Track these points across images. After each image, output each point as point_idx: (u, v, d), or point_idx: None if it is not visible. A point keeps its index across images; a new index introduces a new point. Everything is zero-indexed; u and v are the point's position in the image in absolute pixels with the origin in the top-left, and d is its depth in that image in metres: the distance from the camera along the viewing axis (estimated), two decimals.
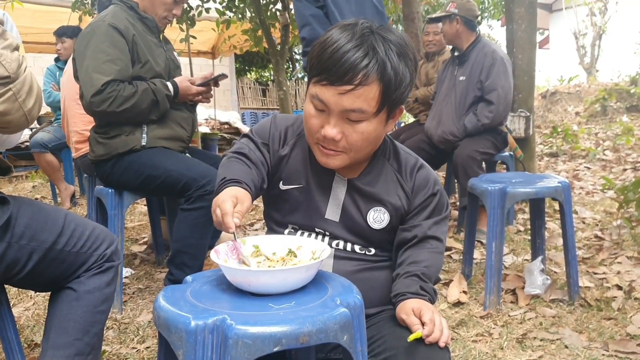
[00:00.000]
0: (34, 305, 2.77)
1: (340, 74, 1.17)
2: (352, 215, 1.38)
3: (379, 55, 1.19)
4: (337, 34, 1.22)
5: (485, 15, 16.58)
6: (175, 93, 2.64)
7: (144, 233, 4.26)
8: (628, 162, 6.54)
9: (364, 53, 1.18)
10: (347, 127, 1.24)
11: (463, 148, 3.79)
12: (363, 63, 1.17)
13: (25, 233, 1.38)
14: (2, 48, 1.34)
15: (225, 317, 0.94)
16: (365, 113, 1.22)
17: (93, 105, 2.44)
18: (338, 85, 1.18)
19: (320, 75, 1.21)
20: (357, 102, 1.20)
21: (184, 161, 2.56)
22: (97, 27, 2.50)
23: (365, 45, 1.19)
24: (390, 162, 1.42)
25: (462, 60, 3.99)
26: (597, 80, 13.10)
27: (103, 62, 2.44)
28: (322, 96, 1.22)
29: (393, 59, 1.20)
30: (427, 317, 1.19)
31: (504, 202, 2.55)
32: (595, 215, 4.27)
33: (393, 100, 1.24)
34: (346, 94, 1.19)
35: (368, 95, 1.20)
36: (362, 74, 1.17)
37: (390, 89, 1.21)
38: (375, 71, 1.18)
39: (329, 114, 1.24)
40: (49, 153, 5.15)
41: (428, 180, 1.41)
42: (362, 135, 1.25)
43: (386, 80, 1.20)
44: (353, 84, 1.17)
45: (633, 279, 2.82)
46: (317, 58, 1.23)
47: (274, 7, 7.75)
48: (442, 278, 2.99)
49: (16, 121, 1.39)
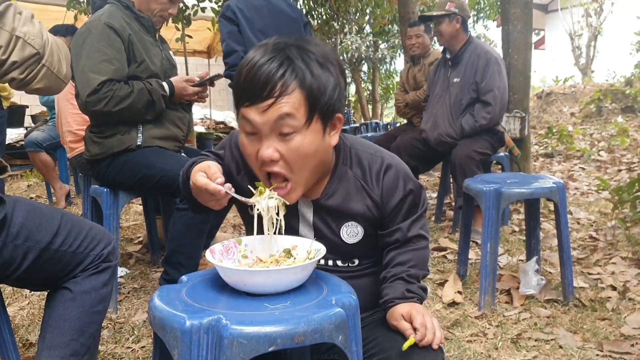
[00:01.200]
0: (29, 305, 2.76)
1: (259, 90, 1.13)
2: (325, 234, 1.34)
3: (294, 63, 1.15)
4: (252, 54, 1.19)
5: (481, 16, 16.60)
6: (171, 93, 2.64)
7: (140, 232, 4.26)
8: (623, 163, 6.57)
9: (278, 63, 1.14)
10: (281, 145, 1.17)
11: (461, 148, 3.79)
12: (279, 73, 1.13)
13: (21, 232, 1.38)
14: (23, 25, 1.39)
15: (221, 316, 0.95)
16: (294, 120, 1.15)
17: (89, 104, 2.44)
18: (259, 102, 1.14)
19: (242, 98, 1.17)
20: (283, 110, 1.14)
21: (180, 161, 2.56)
22: (93, 26, 2.50)
23: (279, 56, 1.15)
24: (354, 170, 1.35)
25: (455, 62, 3.99)
26: (592, 81, 13.15)
27: (99, 61, 2.44)
28: (248, 118, 1.16)
29: (311, 65, 1.16)
30: (418, 321, 1.19)
31: (499, 202, 2.56)
32: (590, 216, 4.28)
33: (322, 108, 1.18)
34: (269, 109, 1.14)
35: (292, 104, 1.14)
36: (280, 84, 1.13)
37: (315, 96, 1.16)
38: (294, 79, 1.14)
39: (260, 136, 1.18)
40: (44, 152, 5.13)
41: (397, 181, 1.34)
42: (299, 150, 1.18)
43: (307, 87, 1.15)
44: (273, 97, 1.13)
45: (627, 279, 2.84)
46: (236, 82, 1.19)
47: None
48: (437, 278, 3.00)
49: (56, 88, 1.52)
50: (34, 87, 1.45)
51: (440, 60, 4.25)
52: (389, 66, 17.29)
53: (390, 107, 24.34)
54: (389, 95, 21.99)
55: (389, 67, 17.52)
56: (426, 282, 2.95)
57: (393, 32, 14.01)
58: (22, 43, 1.38)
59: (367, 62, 15.47)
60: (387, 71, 18.69)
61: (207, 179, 1.16)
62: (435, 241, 3.77)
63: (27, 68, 1.41)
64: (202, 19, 8.16)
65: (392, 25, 13.48)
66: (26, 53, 1.39)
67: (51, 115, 5.46)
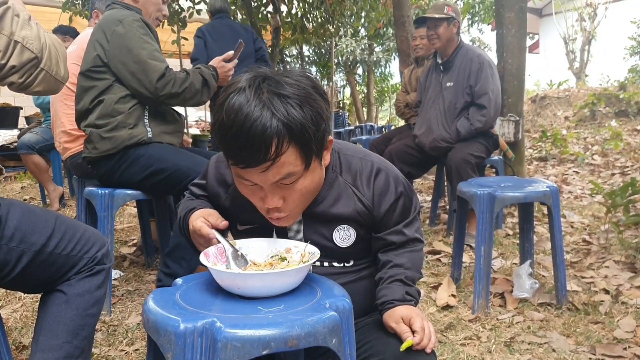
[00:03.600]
0: (22, 307, 2.76)
1: (254, 157, 1.09)
2: (317, 241, 1.32)
3: (280, 120, 1.08)
4: (232, 110, 1.10)
5: (476, 20, 16.66)
6: (215, 72, 2.74)
7: (134, 235, 4.25)
8: (616, 167, 6.59)
9: (264, 124, 1.07)
10: (285, 191, 1.19)
11: (457, 152, 3.80)
12: (268, 135, 1.07)
13: (15, 235, 1.38)
14: (21, 28, 1.38)
15: (215, 320, 0.95)
16: (294, 173, 1.15)
17: (159, 90, 2.51)
18: (256, 166, 1.11)
19: (235, 161, 1.14)
20: (283, 171, 1.13)
21: (192, 157, 2.60)
22: (131, 20, 2.56)
23: (263, 115, 1.08)
24: (344, 176, 1.35)
25: (447, 66, 4.00)
26: (586, 85, 13.21)
27: (152, 51, 2.54)
28: (248, 177, 1.16)
29: (294, 114, 1.10)
30: (418, 325, 1.20)
31: (493, 206, 2.57)
32: (583, 220, 4.30)
33: (316, 147, 1.16)
34: (269, 170, 1.12)
35: (290, 160, 1.12)
36: (274, 148, 1.08)
37: (307, 142, 1.13)
38: (286, 139, 1.09)
39: (262, 188, 1.18)
40: (36, 154, 5.12)
41: (388, 185, 1.34)
42: (302, 191, 1.20)
43: (298, 139, 1.11)
44: (270, 160, 1.09)
45: (620, 283, 2.85)
46: (223, 141, 1.13)
47: (265, 9, 7.76)
48: (431, 281, 3.00)
49: (56, 89, 1.53)
50: (33, 90, 1.46)
51: (431, 65, 4.26)
52: (384, 69, 17.33)
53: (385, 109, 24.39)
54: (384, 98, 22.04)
55: (383, 70, 17.57)
56: (420, 285, 2.96)
57: (388, 35, 14.05)
58: (20, 47, 1.37)
59: (362, 65, 15.51)
60: (381, 74, 18.75)
61: (202, 224, 1.29)
62: (430, 244, 3.78)
63: (25, 72, 1.41)
64: (197, 21, 8.17)
65: (387, 28, 13.53)
66: (25, 57, 1.38)
67: (45, 117, 5.45)
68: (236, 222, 1.41)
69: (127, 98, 2.57)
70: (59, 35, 5.18)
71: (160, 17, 2.84)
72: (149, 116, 2.64)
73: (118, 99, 2.56)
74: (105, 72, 2.58)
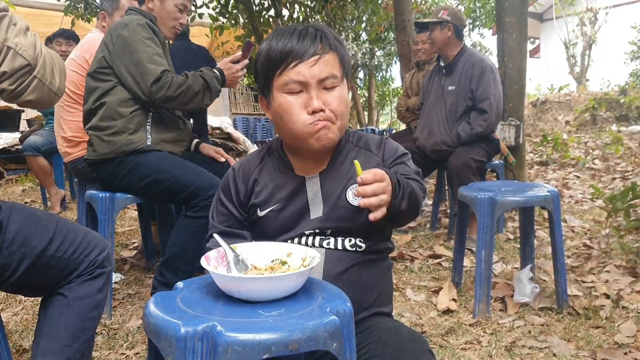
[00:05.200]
0: (22, 310, 2.76)
1: (306, 49, 1.32)
2: (332, 200, 1.40)
3: (323, 32, 1.36)
4: (280, 32, 1.37)
5: (477, 24, 16.67)
6: (222, 74, 2.72)
7: (134, 238, 4.25)
8: (617, 171, 6.59)
9: (313, 32, 1.35)
10: (326, 96, 1.34)
11: (457, 156, 3.80)
12: (318, 37, 1.34)
13: (16, 238, 1.38)
14: (16, 36, 1.36)
15: (215, 324, 0.95)
16: (336, 77, 1.35)
17: (153, 93, 2.49)
18: (307, 59, 1.32)
19: (287, 61, 1.32)
20: (328, 68, 1.33)
21: (192, 169, 2.59)
22: (135, 24, 2.58)
23: (311, 29, 1.36)
24: (358, 145, 1.50)
25: (450, 70, 4.01)
26: (587, 89, 13.21)
27: (152, 54, 2.54)
28: (298, 75, 1.32)
29: (333, 34, 1.39)
30: (378, 176, 1.18)
31: (494, 210, 2.57)
32: (584, 224, 4.29)
33: (347, 69, 1.41)
34: (317, 64, 1.32)
35: (333, 61, 1.35)
36: (321, 45, 1.33)
37: (343, 57, 1.38)
38: (328, 43, 1.35)
39: (307, 91, 1.33)
40: (42, 156, 5.13)
41: (397, 147, 1.50)
42: (340, 100, 1.36)
43: (337, 49, 1.37)
44: (319, 54, 1.32)
45: (621, 287, 2.84)
46: (273, 54, 1.34)
47: (266, 13, 7.78)
48: (432, 285, 3.00)
49: (49, 101, 1.50)
50: (25, 99, 1.43)
51: (434, 68, 4.27)
52: (385, 73, 17.35)
53: (386, 113, 24.40)
54: (385, 102, 22.05)
55: (384, 74, 17.59)
56: (421, 290, 2.96)
57: (389, 39, 14.07)
58: (13, 54, 1.36)
59: (363, 69, 15.53)
60: (383, 78, 18.76)
61: None
62: (431, 248, 3.78)
63: (17, 79, 1.39)
64: (199, 25, 8.21)
65: (388, 32, 13.54)
66: (17, 64, 1.37)
67: (47, 121, 5.45)
68: (257, 207, 1.45)
69: (129, 102, 2.58)
70: (62, 40, 5.21)
71: (177, 25, 2.83)
72: (152, 123, 2.64)
73: (120, 102, 2.57)
74: (109, 74, 2.60)
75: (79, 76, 3.26)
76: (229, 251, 1.22)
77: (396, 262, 3.46)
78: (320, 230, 1.40)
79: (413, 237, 4.11)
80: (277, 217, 1.42)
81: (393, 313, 1.53)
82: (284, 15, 8.07)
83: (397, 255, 3.58)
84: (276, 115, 1.39)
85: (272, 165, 1.48)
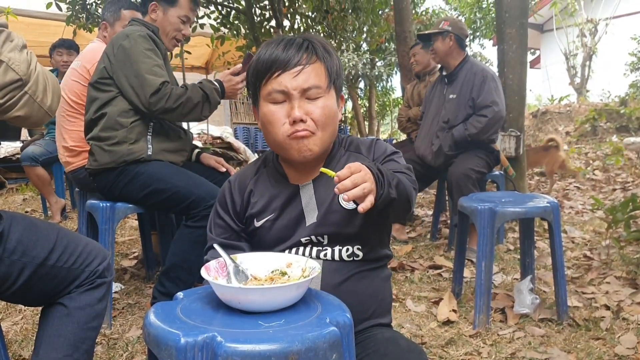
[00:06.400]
0: (22, 320, 2.75)
1: (289, 59, 1.33)
2: (326, 205, 1.40)
3: (310, 42, 1.38)
4: (270, 41, 1.40)
5: (477, 35, 16.73)
6: (221, 86, 2.72)
7: (135, 248, 4.25)
8: (617, 182, 6.60)
9: (300, 41, 1.37)
10: (309, 106, 1.35)
11: (457, 166, 3.81)
12: (303, 47, 1.36)
13: (17, 248, 1.38)
14: (10, 51, 1.36)
15: (215, 334, 0.95)
16: (320, 88, 1.35)
17: (152, 105, 2.50)
18: (290, 69, 1.33)
19: (271, 71, 1.35)
20: (311, 79, 1.34)
21: (192, 178, 2.59)
22: (137, 35, 2.59)
23: (298, 39, 1.38)
24: (349, 149, 1.51)
25: (452, 79, 4.03)
26: (587, 100, 13.22)
27: (153, 66, 2.54)
28: (280, 85, 1.34)
29: (322, 47, 1.40)
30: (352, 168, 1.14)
31: (494, 221, 2.57)
32: (584, 235, 4.29)
33: (336, 79, 1.41)
34: (300, 74, 1.33)
35: (318, 71, 1.36)
36: (306, 55, 1.35)
37: (331, 67, 1.39)
38: (314, 53, 1.36)
39: (290, 101, 1.34)
40: (40, 167, 5.13)
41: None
42: (324, 110, 1.35)
43: (324, 59, 1.38)
44: (302, 64, 1.34)
45: (621, 299, 2.84)
46: (260, 64, 1.37)
47: (268, 24, 7.81)
48: (432, 296, 3.00)
49: (39, 119, 1.47)
50: (13, 115, 1.41)
51: (437, 79, 4.29)
52: (386, 83, 17.37)
53: (386, 123, 24.42)
54: (385, 112, 22.07)
55: (385, 84, 17.61)
56: (421, 301, 2.95)
57: (390, 50, 14.10)
58: (4, 67, 1.35)
59: (363, 80, 15.54)
60: (383, 88, 18.78)
61: None
62: (431, 259, 3.78)
63: (7, 93, 1.37)
64: (200, 35, 8.23)
65: (388, 43, 13.57)
66: (7, 78, 1.36)
67: (48, 130, 5.46)
68: (254, 218, 1.45)
69: (130, 112, 2.59)
70: (63, 50, 5.23)
71: (180, 36, 2.85)
72: (153, 133, 2.65)
73: (120, 112, 2.58)
74: (110, 85, 2.61)
75: (80, 86, 3.27)
76: (229, 261, 1.23)
77: (396, 273, 3.46)
78: (316, 237, 1.40)
79: (413, 248, 4.11)
80: (273, 227, 1.43)
81: (393, 324, 1.53)
82: (285, 25, 8.09)
83: (398, 265, 3.58)
84: (261, 124, 1.41)
85: (267, 175, 1.49)
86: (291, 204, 1.43)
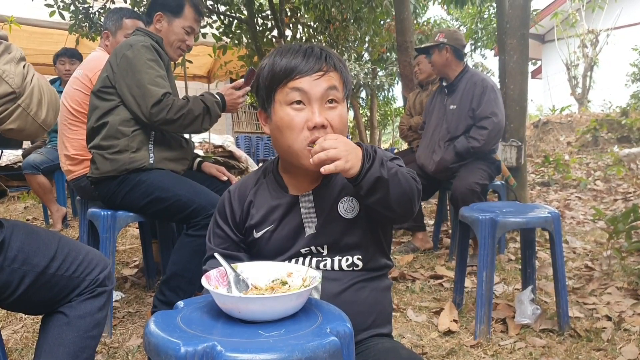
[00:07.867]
0: (22, 328, 2.75)
1: (311, 64, 1.33)
2: (325, 215, 1.40)
3: (327, 52, 1.38)
4: (284, 48, 1.39)
5: (479, 45, 16.77)
6: (223, 102, 2.73)
7: (135, 256, 4.25)
8: (619, 193, 6.59)
9: (318, 50, 1.37)
10: (328, 113, 1.34)
11: (462, 180, 3.79)
12: (323, 55, 1.36)
13: (18, 256, 1.39)
14: (5, 63, 1.35)
15: (215, 343, 0.95)
16: (338, 92, 1.36)
17: (153, 115, 2.51)
18: (312, 73, 1.32)
19: (291, 74, 1.33)
20: (331, 83, 1.34)
21: (194, 187, 2.60)
22: (140, 46, 2.60)
23: (314, 47, 1.38)
24: None
25: (452, 90, 4.04)
26: (588, 110, 13.23)
27: (155, 76, 2.55)
28: (300, 86, 1.32)
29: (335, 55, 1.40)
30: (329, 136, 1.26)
31: (495, 231, 2.57)
32: (585, 245, 4.29)
33: (348, 91, 1.42)
34: (320, 79, 1.33)
35: (335, 79, 1.36)
36: (326, 62, 1.35)
37: (346, 77, 1.40)
38: (332, 63, 1.36)
39: (310, 105, 1.33)
40: (41, 175, 5.13)
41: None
42: (341, 118, 1.36)
43: (340, 69, 1.38)
44: (323, 70, 1.33)
45: (622, 309, 2.83)
46: (277, 68, 1.35)
47: (269, 33, 7.84)
48: (433, 306, 2.99)
49: (33, 133, 1.45)
50: (6, 127, 1.39)
51: (437, 89, 4.30)
52: (387, 93, 17.39)
53: (387, 133, 24.46)
54: (387, 122, 22.11)
55: (386, 94, 17.63)
56: (422, 311, 2.95)
57: (391, 59, 14.14)
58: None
59: (365, 89, 15.57)
60: (385, 98, 18.83)
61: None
62: (432, 269, 3.77)
63: (0, 106, 1.36)
64: (202, 45, 8.25)
65: (390, 53, 13.60)
66: (0, 90, 1.35)
67: (50, 138, 5.47)
68: (253, 229, 1.45)
69: (131, 121, 2.60)
70: (66, 59, 5.25)
71: (184, 47, 2.86)
72: (154, 141, 2.65)
73: (122, 121, 2.59)
74: (113, 94, 2.62)
75: (82, 94, 3.28)
76: (229, 271, 1.23)
77: (397, 282, 3.46)
78: (315, 248, 1.40)
79: (414, 257, 4.10)
80: (273, 238, 1.42)
81: (394, 334, 1.53)
82: (287, 35, 8.12)
83: (399, 275, 3.57)
84: (275, 129, 1.38)
85: (267, 186, 1.48)
86: (290, 214, 1.42)
